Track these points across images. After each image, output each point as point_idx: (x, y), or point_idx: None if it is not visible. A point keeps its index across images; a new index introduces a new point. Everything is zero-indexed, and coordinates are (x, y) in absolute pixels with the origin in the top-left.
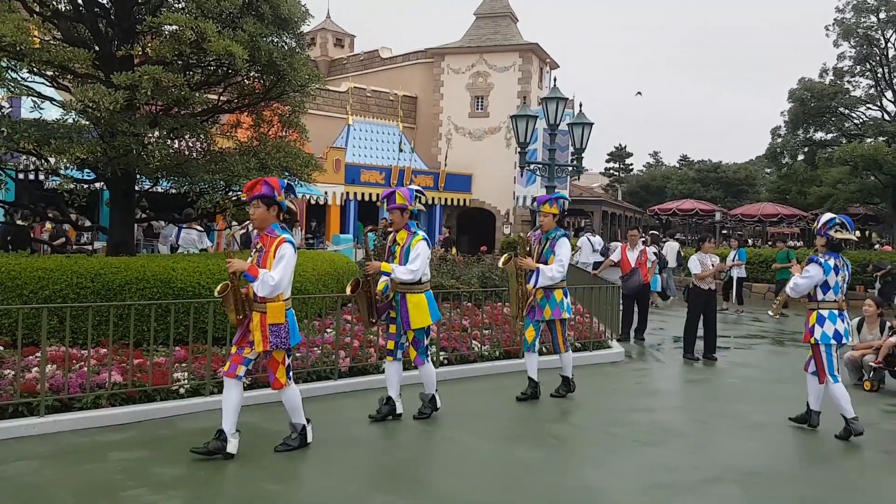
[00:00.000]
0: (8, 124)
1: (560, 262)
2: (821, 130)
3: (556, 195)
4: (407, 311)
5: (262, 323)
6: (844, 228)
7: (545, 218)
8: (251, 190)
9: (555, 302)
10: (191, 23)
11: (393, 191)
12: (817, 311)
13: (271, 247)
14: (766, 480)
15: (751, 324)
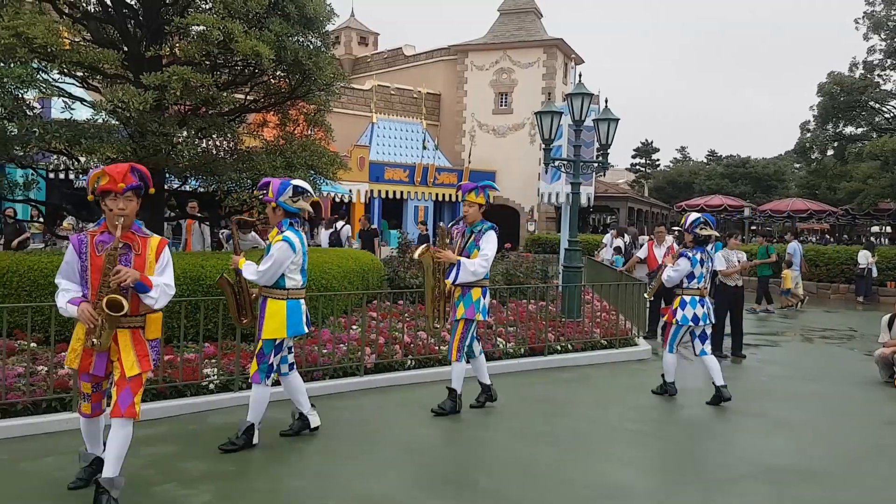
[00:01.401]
0: (40, 125)
1: (485, 256)
2: (850, 125)
3: (483, 183)
4: (263, 317)
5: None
6: (708, 226)
7: (470, 208)
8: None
9: (470, 300)
10: (218, 23)
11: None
12: (681, 297)
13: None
14: (792, 478)
15: (780, 321)
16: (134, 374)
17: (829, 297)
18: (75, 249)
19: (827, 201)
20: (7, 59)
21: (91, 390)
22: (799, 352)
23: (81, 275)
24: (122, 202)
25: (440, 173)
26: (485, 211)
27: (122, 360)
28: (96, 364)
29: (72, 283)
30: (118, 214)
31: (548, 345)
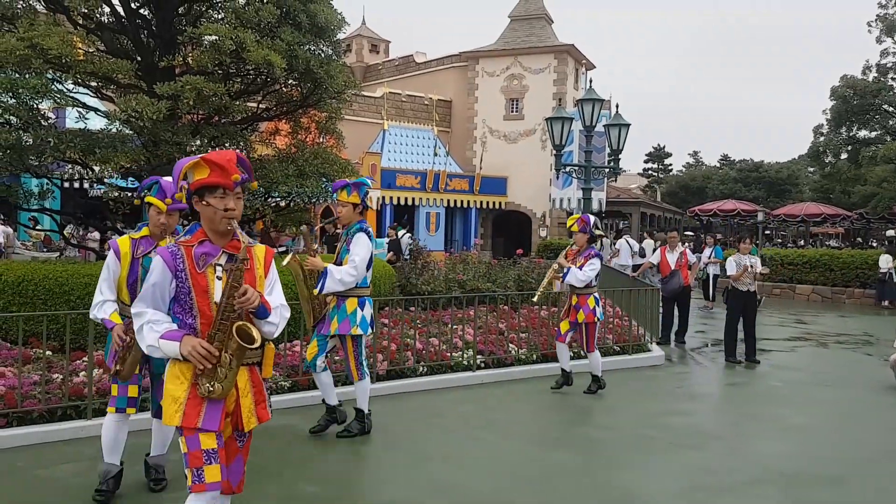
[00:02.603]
0: (54, 134)
1: (353, 263)
2: (864, 128)
3: (357, 180)
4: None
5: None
6: (598, 227)
7: (343, 208)
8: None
9: (345, 313)
10: (230, 33)
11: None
12: (594, 295)
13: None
14: (806, 483)
15: (794, 326)
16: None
17: (843, 302)
18: (169, 266)
19: (841, 205)
20: (22, 69)
21: (215, 445)
22: (813, 357)
23: (180, 300)
24: (231, 200)
25: (452, 179)
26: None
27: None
28: (208, 415)
29: (159, 311)
30: (230, 217)
31: None
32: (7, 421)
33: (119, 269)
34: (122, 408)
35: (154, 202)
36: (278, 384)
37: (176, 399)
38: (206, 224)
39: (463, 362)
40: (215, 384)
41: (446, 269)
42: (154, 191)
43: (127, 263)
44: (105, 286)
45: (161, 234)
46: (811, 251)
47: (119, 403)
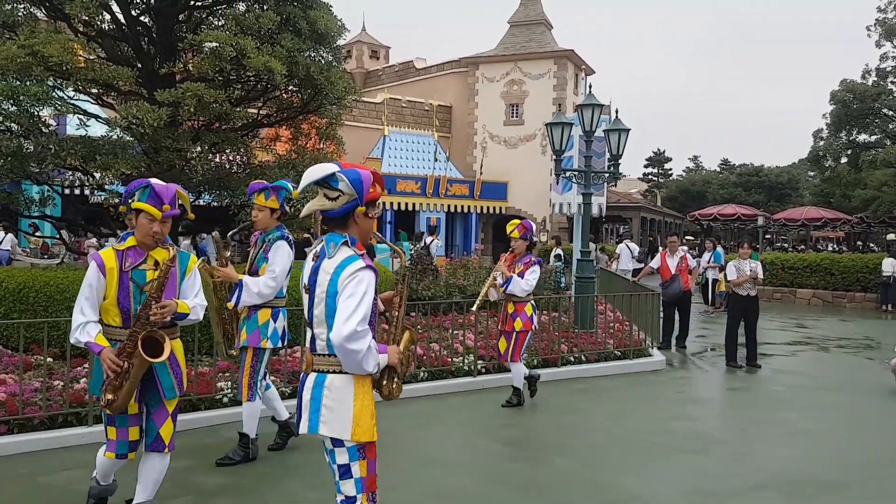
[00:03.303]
0: (55, 141)
1: (272, 273)
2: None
3: (276, 183)
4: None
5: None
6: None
7: (259, 213)
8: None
9: (255, 324)
10: (231, 40)
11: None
12: (531, 303)
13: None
14: (809, 488)
15: (795, 330)
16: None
17: (844, 307)
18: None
19: (841, 209)
20: (23, 77)
21: None
22: (815, 361)
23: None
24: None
25: (452, 185)
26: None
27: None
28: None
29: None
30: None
31: (561, 356)
32: (8, 428)
33: (103, 287)
34: (123, 454)
35: (146, 208)
36: (279, 390)
37: (374, 414)
38: (363, 234)
39: (464, 367)
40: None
41: (447, 274)
42: (145, 195)
43: (114, 279)
44: (87, 305)
45: (152, 244)
46: (812, 255)
47: (119, 449)
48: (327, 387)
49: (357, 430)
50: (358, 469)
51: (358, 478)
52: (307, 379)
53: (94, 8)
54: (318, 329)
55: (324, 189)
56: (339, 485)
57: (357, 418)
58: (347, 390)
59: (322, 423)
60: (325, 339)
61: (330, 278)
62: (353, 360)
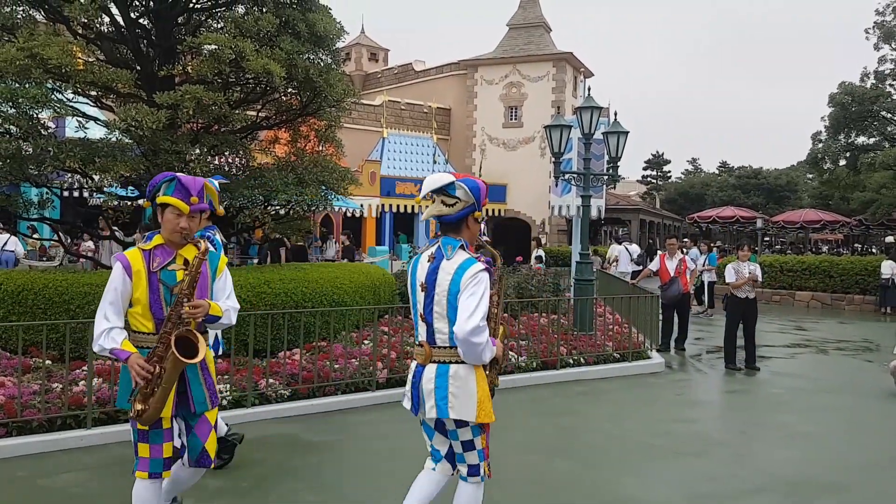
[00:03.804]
0: (54, 144)
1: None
2: (863, 135)
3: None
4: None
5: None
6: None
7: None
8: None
9: None
10: (230, 42)
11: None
12: None
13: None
14: (809, 490)
15: (794, 333)
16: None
17: (843, 309)
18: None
19: (840, 212)
20: (22, 79)
21: None
22: (814, 364)
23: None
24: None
25: None
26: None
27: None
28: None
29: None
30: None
31: (560, 358)
32: (7, 430)
33: (129, 290)
34: (158, 472)
35: (173, 202)
36: (278, 393)
37: (490, 397)
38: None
39: None
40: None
41: None
42: (171, 189)
43: (142, 282)
44: (111, 310)
45: (181, 242)
46: (810, 258)
47: (153, 468)
48: (451, 376)
49: (481, 413)
50: (480, 442)
51: (480, 449)
52: (425, 369)
53: (93, 10)
54: (438, 324)
55: (441, 196)
56: (461, 456)
57: (480, 403)
58: (470, 379)
59: (450, 408)
60: (447, 333)
61: (451, 278)
62: (475, 351)
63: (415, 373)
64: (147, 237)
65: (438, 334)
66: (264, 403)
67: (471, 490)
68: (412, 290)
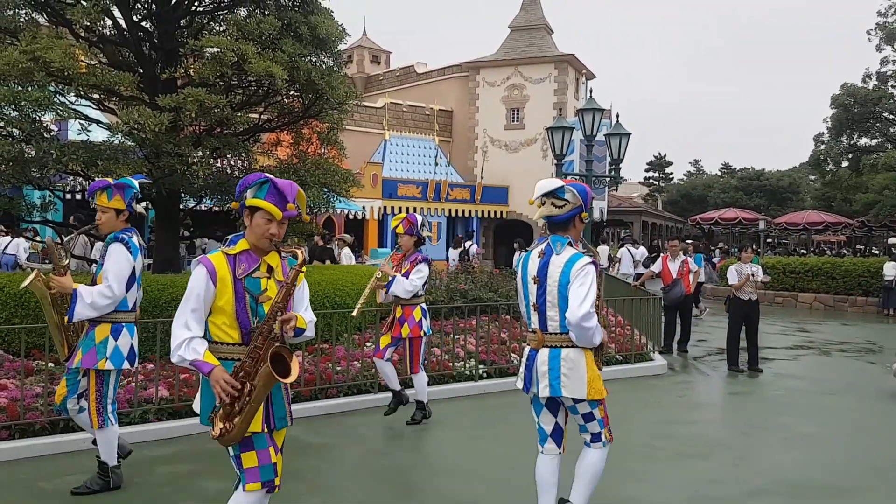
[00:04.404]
0: (57, 147)
1: (105, 280)
2: (865, 136)
3: (121, 181)
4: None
5: None
6: (425, 227)
7: (104, 214)
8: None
9: (91, 342)
10: (232, 45)
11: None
12: (422, 306)
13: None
14: (813, 493)
15: (797, 334)
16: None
17: (846, 310)
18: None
19: (843, 213)
20: (25, 82)
21: None
22: (817, 365)
23: None
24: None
25: (453, 189)
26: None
27: None
28: None
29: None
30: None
31: None
32: (9, 433)
33: (212, 297)
34: (271, 480)
35: (266, 207)
36: None
37: (599, 376)
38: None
39: (465, 372)
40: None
41: (448, 278)
42: (264, 192)
43: (228, 289)
44: (193, 318)
45: (268, 248)
46: (813, 259)
47: (265, 475)
48: (563, 359)
49: (591, 391)
50: (598, 412)
51: (600, 418)
52: (539, 353)
53: (95, 13)
54: (550, 312)
55: (552, 199)
56: (584, 427)
57: (590, 382)
58: (580, 361)
59: (563, 387)
60: (558, 321)
61: (561, 270)
62: (586, 335)
63: (528, 356)
64: (231, 241)
65: (550, 321)
66: None
67: (596, 454)
68: (524, 284)
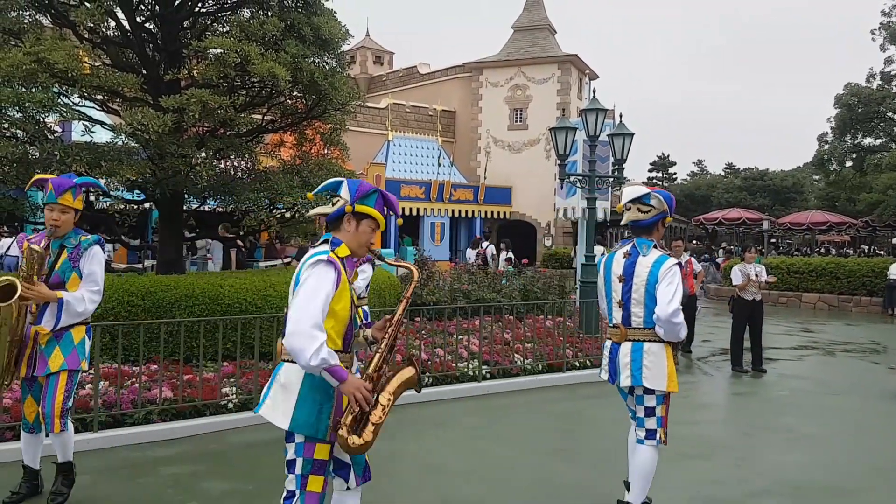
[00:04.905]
0: (60, 148)
1: (95, 284)
2: (869, 136)
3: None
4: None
5: None
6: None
7: (64, 215)
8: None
9: (70, 344)
10: (235, 46)
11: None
12: None
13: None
14: (816, 494)
15: (801, 335)
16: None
17: (850, 310)
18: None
19: (847, 213)
20: (29, 84)
21: None
22: (821, 365)
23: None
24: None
25: (456, 189)
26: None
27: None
28: None
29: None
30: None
31: (566, 361)
32: (14, 434)
33: (330, 301)
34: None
35: (376, 216)
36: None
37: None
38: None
39: (469, 373)
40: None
41: (451, 279)
42: (373, 201)
43: (346, 293)
44: (321, 320)
45: (363, 255)
46: (817, 259)
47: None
48: (646, 352)
49: (670, 383)
50: (661, 410)
51: (659, 416)
52: (622, 346)
53: (99, 15)
54: (635, 309)
55: (638, 204)
56: (641, 420)
57: (670, 375)
58: (662, 354)
59: (644, 378)
60: (642, 317)
61: (649, 270)
62: (674, 330)
63: (611, 349)
64: (333, 243)
65: (634, 317)
66: None
67: (648, 453)
68: (607, 282)
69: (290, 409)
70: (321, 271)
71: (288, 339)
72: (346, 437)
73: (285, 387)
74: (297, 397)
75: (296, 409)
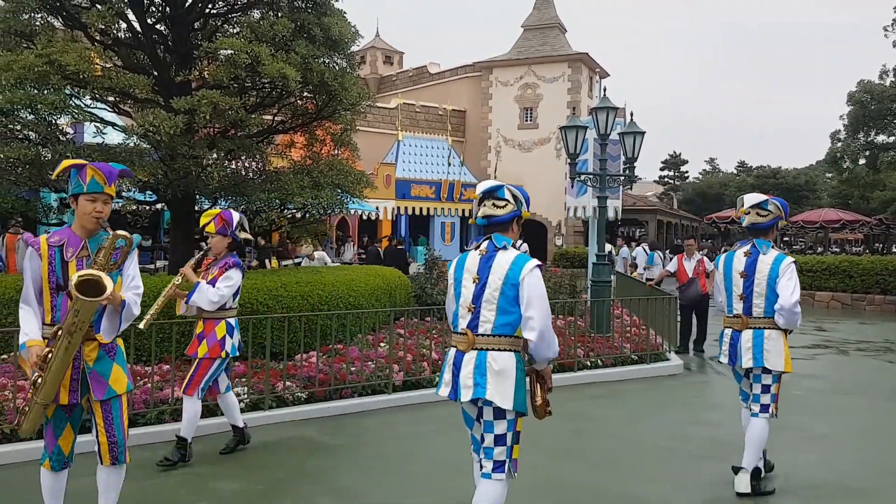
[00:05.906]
0: (72, 149)
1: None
2: (882, 133)
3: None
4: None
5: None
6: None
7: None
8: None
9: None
10: (246, 47)
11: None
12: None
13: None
14: (830, 495)
15: (814, 333)
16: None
17: (864, 309)
18: None
19: (860, 211)
20: (41, 85)
21: None
22: (834, 365)
23: None
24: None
25: (466, 189)
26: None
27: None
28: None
29: None
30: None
31: (577, 360)
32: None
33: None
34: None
35: (526, 216)
36: (294, 395)
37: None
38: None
39: None
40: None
41: None
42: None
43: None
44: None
45: None
46: (830, 257)
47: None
48: (766, 337)
49: (787, 365)
50: (774, 388)
51: (773, 393)
52: (743, 333)
53: (110, 17)
54: (756, 300)
55: (757, 209)
56: (757, 396)
57: (786, 357)
58: (780, 340)
59: (765, 360)
60: (763, 307)
61: (770, 267)
62: (794, 319)
63: (731, 337)
64: (475, 239)
65: (755, 308)
66: (281, 406)
67: (760, 423)
68: (727, 277)
69: (509, 391)
70: (540, 275)
71: (540, 336)
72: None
73: (501, 373)
74: (514, 381)
75: (515, 391)
